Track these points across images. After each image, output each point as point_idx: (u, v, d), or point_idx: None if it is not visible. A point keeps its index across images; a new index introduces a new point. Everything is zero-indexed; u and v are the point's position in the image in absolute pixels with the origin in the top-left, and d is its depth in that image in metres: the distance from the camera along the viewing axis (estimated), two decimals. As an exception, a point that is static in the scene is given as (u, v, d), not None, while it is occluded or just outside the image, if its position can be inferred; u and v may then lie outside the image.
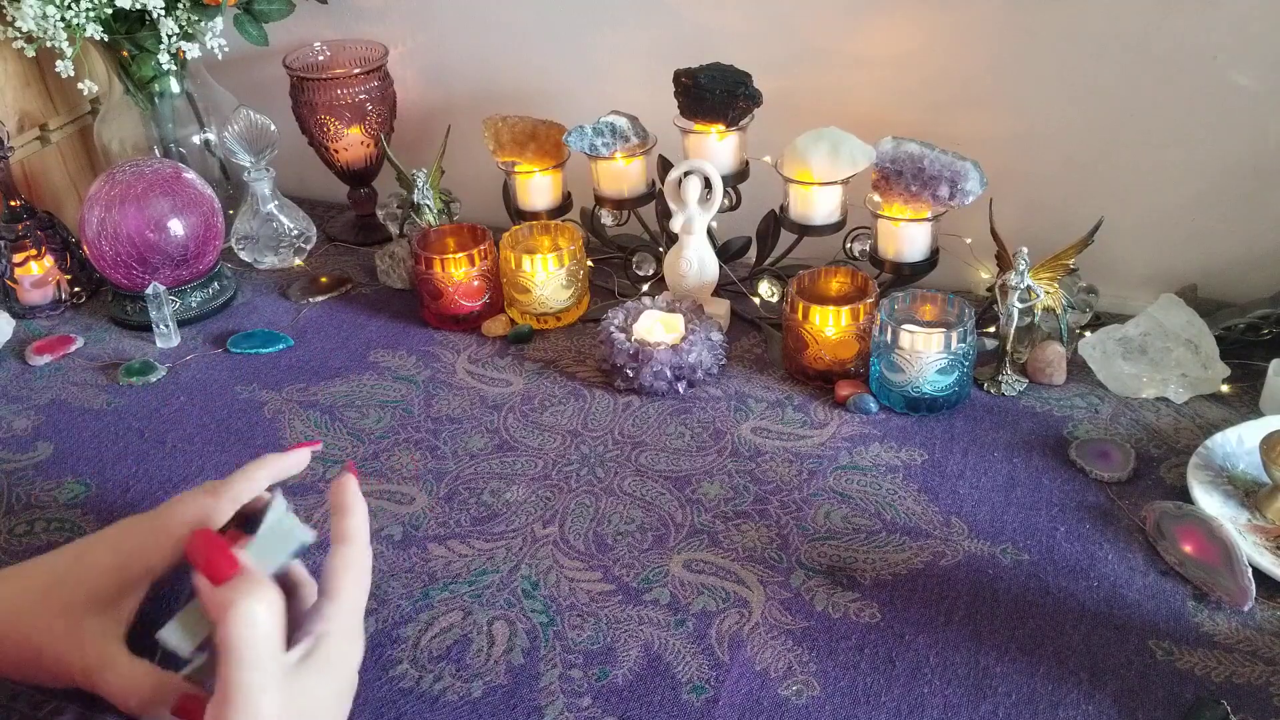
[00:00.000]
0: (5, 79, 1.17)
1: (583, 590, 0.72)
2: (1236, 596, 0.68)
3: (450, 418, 0.91)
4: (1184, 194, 0.98)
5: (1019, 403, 0.89)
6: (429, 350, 1.01)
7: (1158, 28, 0.92)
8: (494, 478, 0.83)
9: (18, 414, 0.94)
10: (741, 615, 0.69)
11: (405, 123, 1.22)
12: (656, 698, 0.64)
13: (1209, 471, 0.78)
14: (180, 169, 1.06)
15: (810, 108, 1.04)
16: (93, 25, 1.04)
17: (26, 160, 1.21)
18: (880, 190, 0.95)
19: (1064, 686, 0.63)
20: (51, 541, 0.78)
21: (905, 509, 0.78)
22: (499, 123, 1.07)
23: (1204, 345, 0.88)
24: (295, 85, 1.15)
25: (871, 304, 0.89)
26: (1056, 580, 0.71)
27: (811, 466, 0.83)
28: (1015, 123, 1.01)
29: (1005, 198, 0.93)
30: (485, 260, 1.01)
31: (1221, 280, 0.99)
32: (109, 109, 1.18)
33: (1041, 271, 0.88)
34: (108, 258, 1.03)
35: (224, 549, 0.54)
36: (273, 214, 1.15)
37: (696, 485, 0.81)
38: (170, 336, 1.03)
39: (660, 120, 1.02)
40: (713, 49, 1.00)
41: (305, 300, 1.10)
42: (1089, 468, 0.80)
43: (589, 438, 0.87)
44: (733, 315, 1.03)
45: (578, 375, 0.96)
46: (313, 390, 0.95)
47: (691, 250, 0.99)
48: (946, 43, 1.00)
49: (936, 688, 0.64)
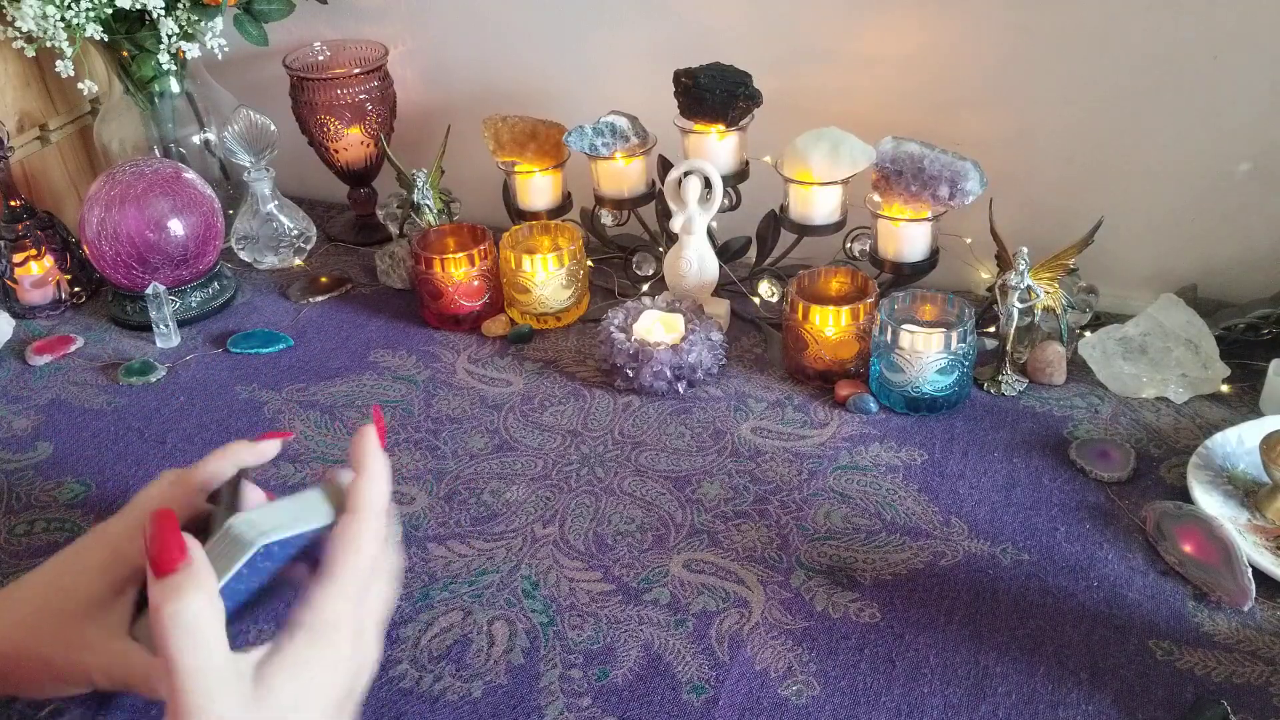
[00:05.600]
0: (5, 79, 1.17)
1: (583, 590, 0.72)
2: (1236, 596, 0.68)
3: (450, 418, 0.91)
4: (1184, 194, 0.98)
5: (1019, 403, 0.89)
6: (429, 350, 1.01)
7: (1157, 28, 0.92)
8: (494, 478, 0.83)
9: (18, 414, 0.94)
10: (741, 615, 0.69)
11: (405, 123, 1.22)
12: (656, 698, 0.64)
13: (1209, 471, 0.78)
14: (180, 169, 1.06)
15: (810, 108, 1.04)
16: (93, 25, 1.04)
17: (26, 160, 1.21)
18: (880, 190, 0.95)
19: (1064, 686, 0.63)
20: (51, 541, 0.78)
21: (905, 509, 0.78)
22: (499, 123, 1.07)
23: (1204, 345, 0.88)
24: (295, 85, 1.15)
25: (871, 304, 0.89)
26: (1056, 580, 0.71)
27: (811, 466, 0.83)
28: (1015, 123, 1.01)
29: (1005, 198, 0.93)
30: (485, 260, 1.01)
31: (1221, 280, 0.99)
32: (109, 109, 1.18)
33: (1041, 271, 0.89)
34: (108, 258, 1.03)
35: (175, 535, 0.49)
36: (273, 214, 1.15)
37: (696, 485, 0.81)
38: (170, 336, 1.03)
39: (660, 120, 1.02)
40: (713, 49, 1.00)
41: (305, 300, 1.10)
42: (1089, 468, 0.80)
43: (589, 438, 0.87)
44: (733, 315, 1.03)
45: (578, 375, 0.96)
46: (313, 390, 0.95)
47: (691, 250, 0.99)
48: (947, 43, 1.00)
49: (936, 688, 0.64)
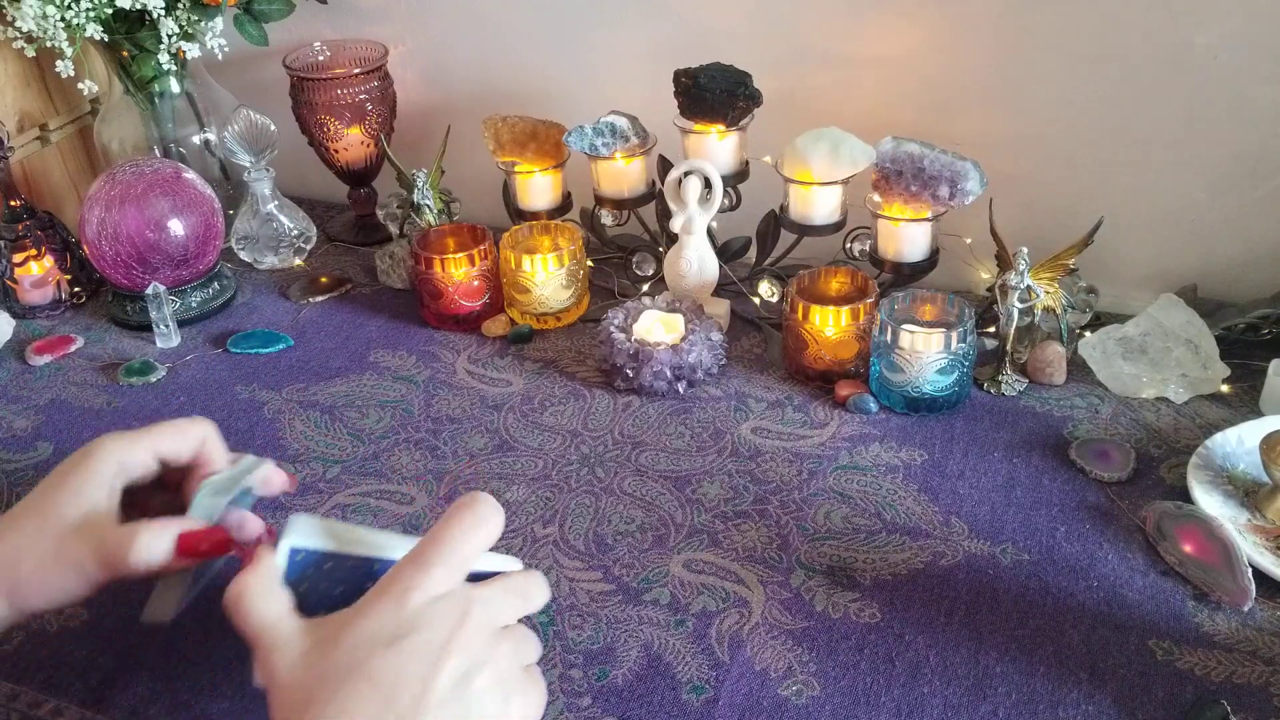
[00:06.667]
0: (5, 79, 1.17)
1: (583, 590, 0.72)
2: (1236, 596, 0.68)
3: (450, 418, 0.91)
4: (1184, 194, 0.98)
5: (1019, 403, 0.89)
6: (429, 350, 1.01)
7: (1157, 28, 0.92)
8: (494, 478, 0.83)
9: (18, 414, 0.94)
10: (741, 615, 0.69)
11: (405, 123, 1.22)
12: (656, 698, 0.64)
13: (1209, 471, 0.78)
14: (180, 169, 1.06)
15: (810, 108, 1.04)
16: (93, 25, 1.04)
17: (26, 160, 1.21)
18: (880, 190, 0.95)
19: (1064, 686, 0.63)
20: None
21: (905, 509, 0.78)
22: (499, 123, 1.07)
23: (1204, 345, 0.88)
24: (295, 85, 1.15)
25: (871, 304, 0.89)
26: (1056, 580, 0.71)
27: (811, 466, 0.83)
28: (1015, 123, 1.01)
29: (1005, 198, 0.93)
30: (485, 260, 1.01)
31: (1221, 280, 0.98)
32: (109, 109, 1.18)
33: (1041, 271, 0.89)
34: (108, 258, 1.03)
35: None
36: (273, 214, 1.15)
37: (696, 485, 0.81)
38: (170, 336, 1.03)
39: (660, 120, 1.02)
40: (713, 49, 1.00)
41: (305, 300, 1.10)
42: (1089, 468, 0.80)
43: (589, 438, 0.87)
44: (733, 315, 1.03)
45: (578, 375, 0.96)
46: (313, 390, 0.95)
47: (691, 250, 0.99)
48: (947, 43, 1.00)
49: (936, 688, 0.64)
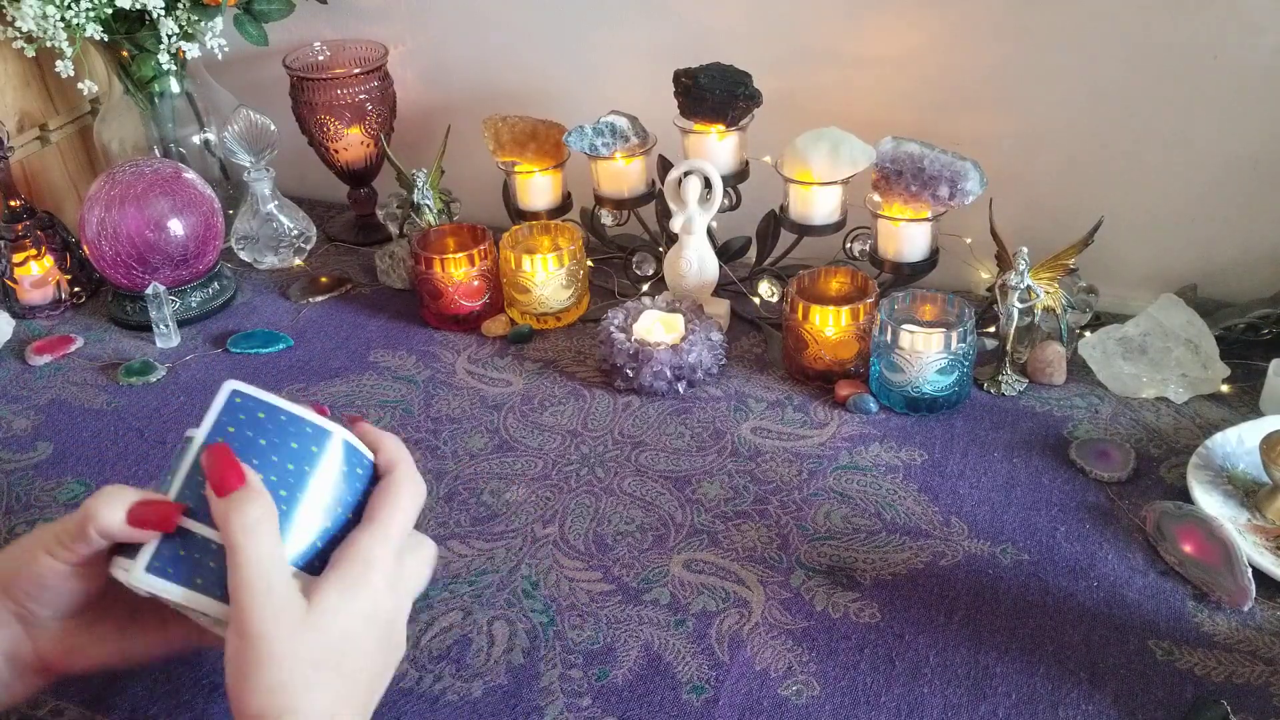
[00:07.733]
0: (5, 79, 1.17)
1: (583, 590, 0.72)
2: (1236, 596, 0.68)
3: (450, 418, 0.91)
4: (1184, 194, 0.98)
5: (1019, 403, 0.89)
6: (429, 350, 1.01)
7: (1157, 27, 0.92)
8: (494, 478, 0.83)
9: (18, 414, 0.94)
10: (741, 615, 0.69)
11: (405, 123, 1.22)
12: (656, 698, 0.64)
13: (1209, 471, 0.78)
14: (180, 169, 1.06)
15: (810, 108, 1.04)
16: (93, 25, 1.04)
17: (26, 160, 1.21)
18: (880, 190, 0.95)
19: (1064, 686, 0.63)
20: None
21: (905, 509, 0.78)
22: (499, 123, 1.07)
23: (1204, 345, 0.88)
24: (295, 85, 1.15)
25: (871, 304, 0.89)
26: (1056, 580, 0.71)
27: (811, 466, 0.83)
28: (1015, 123, 1.01)
29: (1005, 198, 0.93)
30: (485, 260, 1.01)
31: (1221, 280, 0.98)
32: (109, 109, 1.18)
33: (1041, 271, 0.89)
34: (108, 258, 1.03)
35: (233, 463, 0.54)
36: (273, 214, 1.15)
37: (696, 485, 0.81)
38: (170, 336, 1.03)
39: (660, 120, 1.02)
40: (713, 49, 1.00)
41: (305, 300, 1.10)
42: (1089, 468, 0.80)
43: (589, 438, 0.87)
44: (733, 315, 1.02)
45: (578, 375, 0.96)
46: (313, 390, 0.95)
47: (691, 250, 0.99)
48: (947, 43, 1.00)
49: (936, 688, 0.64)
